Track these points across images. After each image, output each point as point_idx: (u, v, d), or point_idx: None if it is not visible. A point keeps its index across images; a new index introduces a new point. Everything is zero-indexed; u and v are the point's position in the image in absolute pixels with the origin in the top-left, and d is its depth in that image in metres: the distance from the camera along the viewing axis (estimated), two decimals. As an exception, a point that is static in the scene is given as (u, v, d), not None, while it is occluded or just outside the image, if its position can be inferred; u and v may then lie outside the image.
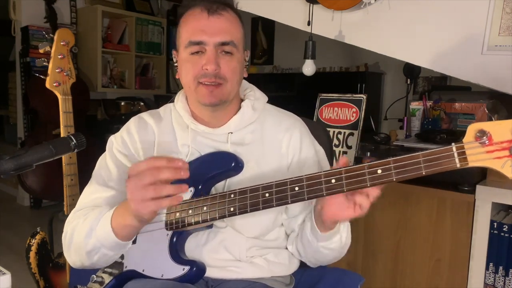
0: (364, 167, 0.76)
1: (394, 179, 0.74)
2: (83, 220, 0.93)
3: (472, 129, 0.70)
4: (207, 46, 0.92)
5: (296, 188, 0.81)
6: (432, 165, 0.72)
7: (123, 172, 0.98)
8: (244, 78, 1.05)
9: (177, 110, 1.04)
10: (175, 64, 1.02)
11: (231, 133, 0.99)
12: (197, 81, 0.94)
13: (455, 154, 0.70)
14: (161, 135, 1.02)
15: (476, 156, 0.70)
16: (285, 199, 0.81)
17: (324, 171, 0.79)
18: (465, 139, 0.71)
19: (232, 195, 0.87)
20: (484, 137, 0.69)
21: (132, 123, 1.05)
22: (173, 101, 1.08)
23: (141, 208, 0.79)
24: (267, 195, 0.84)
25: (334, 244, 0.93)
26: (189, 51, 0.93)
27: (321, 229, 0.90)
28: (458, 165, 0.70)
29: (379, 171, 0.75)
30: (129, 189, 0.79)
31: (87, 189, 1.01)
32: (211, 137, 0.99)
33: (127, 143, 1.02)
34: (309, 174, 0.81)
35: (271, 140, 1.02)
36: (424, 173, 0.72)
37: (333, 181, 0.78)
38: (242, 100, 1.04)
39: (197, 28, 0.92)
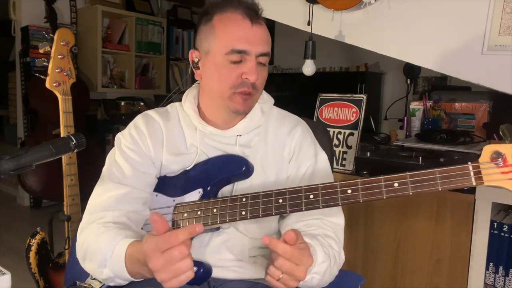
0: (380, 180, 0.78)
1: (411, 193, 0.76)
2: (95, 238, 0.87)
3: (488, 150, 0.74)
4: (249, 56, 0.91)
5: (311, 196, 0.82)
6: (448, 182, 0.75)
7: (135, 168, 0.97)
8: None
9: (184, 110, 1.02)
10: (197, 66, 0.98)
11: (240, 135, 0.99)
12: (233, 90, 0.92)
13: (472, 173, 0.74)
14: (169, 134, 1.01)
15: (491, 176, 0.73)
16: (299, 206, 0.82)
17: (340, 182, 0.80)
18: (481, 159, 0.74)
19: (244, 199, 0.87)
20: (500, 159, 0.73)
21: (139, 120, 1.03)
22: (179, 100, 1.07)
23: (174, 283, 0.73)
24: (280, 201, 0.84)
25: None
26: (229, 59, 0.91)
27: None
28: (474, 184, 0.74)
29: (396, 185, 0.77)
30: (159, 269, 0.72)
31: (99, 188, 0.97)
32: (219, 139, 0.99)
33: (136, 139, 0.99)
34: (324, 183, 0.81)
35: (274, 142, 1.02)
36: (440, 189, 0.75)
37: (349, 191, 0.79)
38: None
39: (241, 37, 0.90)
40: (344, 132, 1.78)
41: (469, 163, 0.74)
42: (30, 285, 1.54)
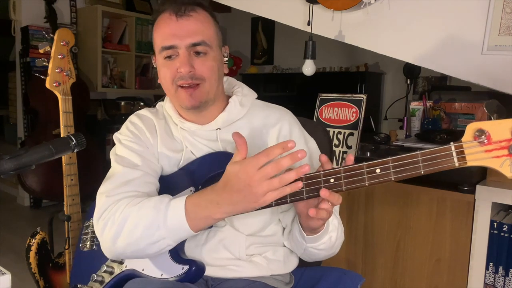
0: (362, 167, 0.76)
1: (393, 179, 0.74)
2: (137, 210, 0.86)
3: (471, 128, 0.70)
4: (179, 49, 0.93)
5: None
6: (430, 164, 0.71)
7: (141, 156, 0.98)
8: (229, 75, 1.06)
9: (166, 109, 1.06)
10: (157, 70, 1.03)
11: (219, 129, 1.00)
12: (175, 85, 0.95)
13: (454, 154, 0.70)
14: (161, 130, 1.04)
15: (475, 155, 0.70)
16: (284, 198, 0.81)
17: (323, 171, 0.79)
18: (464, 138, 0.70)
19: None
20: (483, 136, 0.68)
21: (133, 117, 1.06)
22: (163, 100, 1.10)
23: (266, 199, 0.75)
24: None
25: (323, 245, 0.93)
26: (162, 56, 0.95)
27: (307, 232, 0.90)
28: (456, 164, 0.70)
29: (378, 171, 0.74)
30: (254, 184, 0.74)
31: (110, 179, 0.94)
32: (201, 134, 1.00)
33: (135, 132, 1.02)
34: (308, 174, 0.80)
35: (260, 136, 1.02)
36: (422, 173, 0.72)
37: (332, 180, 0.78)
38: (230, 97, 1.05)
39: (167, 33, 0.94)
40: (344, 132, 1.78)
41: (451, 143, 0.71)
42: (30, 285, 1.54)
